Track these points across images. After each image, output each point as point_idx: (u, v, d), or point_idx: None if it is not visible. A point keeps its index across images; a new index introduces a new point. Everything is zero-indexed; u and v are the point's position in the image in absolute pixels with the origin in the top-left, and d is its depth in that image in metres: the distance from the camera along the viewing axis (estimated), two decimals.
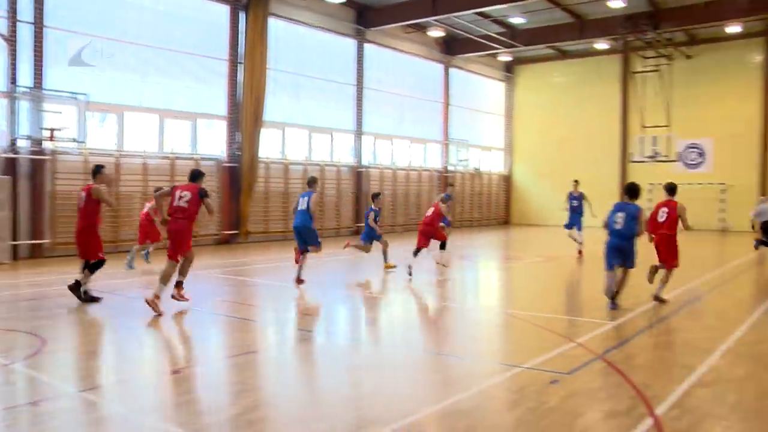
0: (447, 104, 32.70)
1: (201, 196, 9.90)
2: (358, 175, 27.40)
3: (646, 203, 32.07)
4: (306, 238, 12.79)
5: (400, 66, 29.96)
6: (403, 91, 30.05)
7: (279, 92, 23.96)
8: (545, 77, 36.42)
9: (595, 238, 20.00)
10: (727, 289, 12.96)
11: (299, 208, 12.90)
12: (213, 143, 22.31)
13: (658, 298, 11.20)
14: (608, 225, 10.66)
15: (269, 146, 23.81)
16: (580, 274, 15.85)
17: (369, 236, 15.34)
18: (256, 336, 8.66)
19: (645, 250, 12.12)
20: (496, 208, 36.31)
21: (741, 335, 8.65)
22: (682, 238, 11.56)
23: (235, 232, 22.41)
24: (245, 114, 22.18)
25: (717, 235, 28.05)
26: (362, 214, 26.92)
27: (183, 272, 10.20)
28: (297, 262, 13.23)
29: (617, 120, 34.04)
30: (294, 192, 24.46)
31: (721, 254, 20.74)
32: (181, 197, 9.91)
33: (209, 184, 21.57)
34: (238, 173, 22.20)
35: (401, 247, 20.02)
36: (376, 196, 15.61)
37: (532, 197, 36.47)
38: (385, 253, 15.35)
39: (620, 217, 10.48)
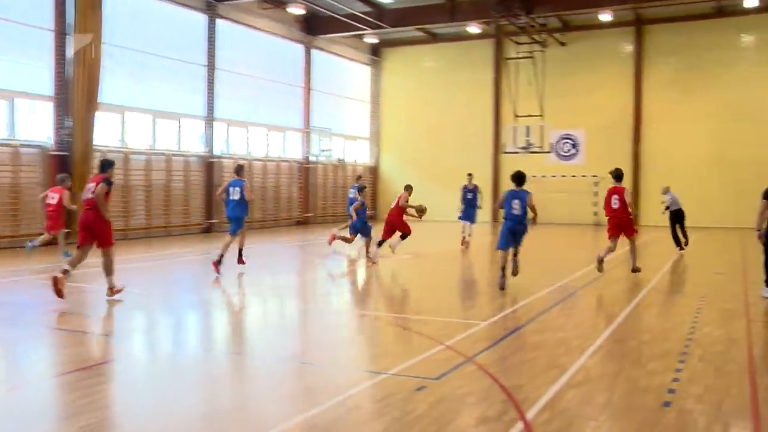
0: (308, 89, 32.57)
1: (105, 185, 10.99)
2: (209, 166, 26.77)
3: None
4: (237, 223, 14.71)
5: (256, 46, 29.53)
6: (259, 74, 29.63)
7: (117, 71, 22.96)
8: (414, 61, 37.13)
9: (482, 230, 20.60)
10: (601, 284, 13.73)
11: (231, 198, 14.56)
12: (37, 128, 21.09)
13: (636, 269, 14.85)
14: (505, 210, 12.89)
15: (106, 132, 22.83)
16: (451, 272, 16.26)
17: (358, 228, 17.86)
18: (90, 349, 8.30)
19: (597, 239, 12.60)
20: None
21: (611, 332, 9.19)
22: (556, 233, 12.11)
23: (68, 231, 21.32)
24: (76, 95, 21.07)
25: (590, 230, 29.69)
26: (214, 208, 26.41)
27: (108, 270, 11.19)
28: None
29: (490, 108, 35.28)
30: (135, 185, 23.62)
31: (595, 249, 21.88)
32: (88, 188, 11.15)
33: (29, 175, 20.47)
34: (69, 163, 21.08)
35: (254, 248, 19.73)
36: (361, 190, 18.55)
37: (400, 189, 36.79)
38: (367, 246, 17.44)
39: (516, 203, 12.86)
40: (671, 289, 13.80)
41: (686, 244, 20.60)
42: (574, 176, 33.26)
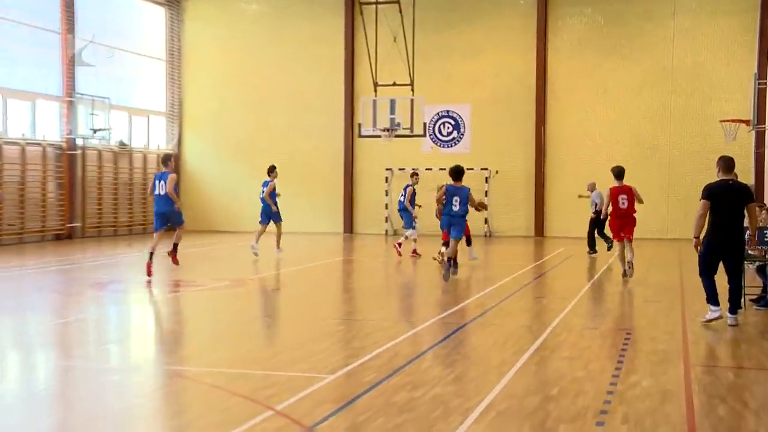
0: (68, 37, 31.29)
1: None
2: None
3: (378, 196, 34.07)
4: (171, 219, 19.29)
5: None
6: None
7: None
8: (232, 4, 37.04)
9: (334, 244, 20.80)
10: (494, 317, 14.03)
11: (157, 192, 18.80)
12: None
13: (631, 265, 19.21)
14: (446, 207, 18.82)
15: None
16: (291, 304, 16.25)
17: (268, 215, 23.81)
18: None
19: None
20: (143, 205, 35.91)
21: (505, 385, 9.37)
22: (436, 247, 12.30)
23: None
24: None
25: (481, 242, 30.26)
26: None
27: None
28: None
29: (340, 73, 35.64)
30: None
31: (491, 269, 22.43)
32: None
33: None
34: None
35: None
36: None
37: (214, 188, 36.68)
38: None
39: (456, 200, 18.63)
40: (587, 322, 14.24)
41: (610, 247, 23.91)
42: None
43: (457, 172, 18.93)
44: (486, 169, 33.64)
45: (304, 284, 19.48)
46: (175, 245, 20.14)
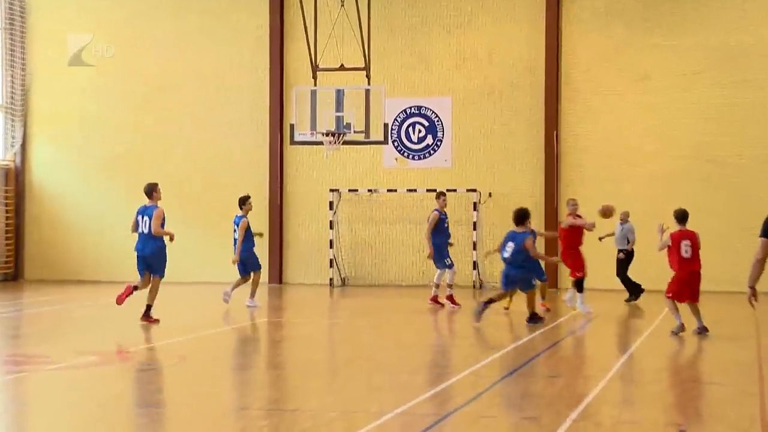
0: None
1: None
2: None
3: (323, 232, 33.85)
4: (152, 265, 22.29)
5: None
6: None
7: None
8: None
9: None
10: (493, 404, 13.80)
11: (141, 230, 21.61)
12: None
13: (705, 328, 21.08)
14: (500, 253, 22.57)
15: None
16: (179, 390, 15.92)
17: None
18: None
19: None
20: None
21: None
22: (395, 307, 12.10)
23: None
24: None
25: (469, 294, 29.93)
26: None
27: None
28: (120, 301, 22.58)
29: (264, 54, 35.61)
30: None
31: (473, 344, 22.31)
32: None
33: None
34: None
35: None
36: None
37: (77, 219, 36.20)
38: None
39: (510, 246, 21.88)
40: (622, 413, 14.00)
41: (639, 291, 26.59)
42: (432, 191, 33.73)
43: (519, 216, 22.48)
44: (474, 190, 33.53)
45: (210, 358, 19.27)
46: (148, 306, 22.51)
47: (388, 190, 33.44)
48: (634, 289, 27.72)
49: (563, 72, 33.67)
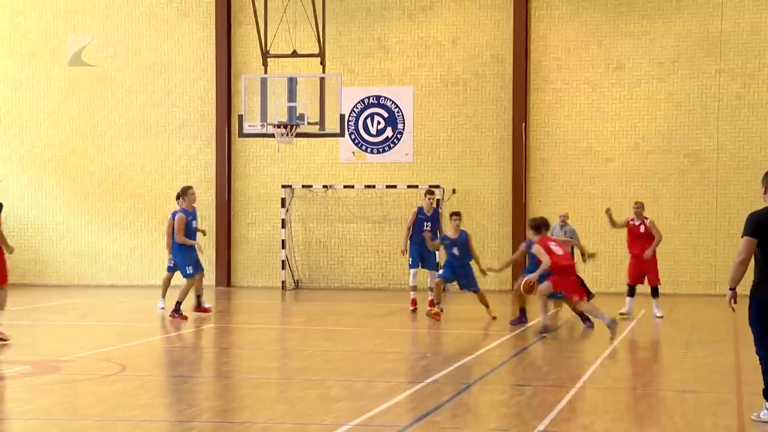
0: None
1: None
2: None
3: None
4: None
5: None
6: None
7: None
8: None
9: None
10: (456, 415, 13.85)
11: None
12: None
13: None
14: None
15: None
16: (117, 401, 15.87)
17: None
18: None
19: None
20: None
21: None
22: (351, 313, 12.17)
23: None
24: None
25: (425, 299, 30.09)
26: None
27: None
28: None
29: (209, 37, 35.59)
30: None
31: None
32: None
33: None
34: None
35: None
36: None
37: (30, 224, 35.94)
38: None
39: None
40: (594, 423, 14.08)
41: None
42: (392, 187, 33.81)
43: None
44: (437, 186, 33.27)
45: (151, 367, 19.31)
46: (178, 303, 24.95)
47: (345, 186, 33.44)
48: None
49: (532, 60, 33.72)
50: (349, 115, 33.71)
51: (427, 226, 26.63)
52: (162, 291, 26.95)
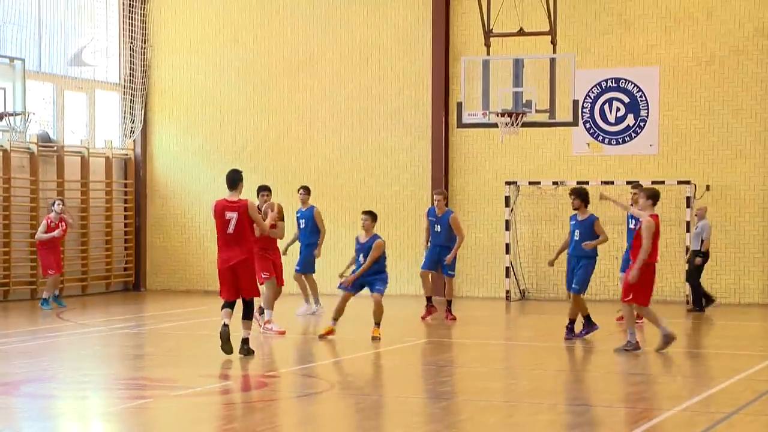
0: None
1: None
2: None
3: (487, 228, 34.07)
4: None
5: None
6: None
7: None
8: None
9: None
10: None
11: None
12: None
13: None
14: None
15: None
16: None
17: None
18: None
19: None
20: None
21: None
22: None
23: None
24: None
25: (682, 316, 29.95)
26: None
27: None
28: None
29: (426, 18, 35.81)
30: None
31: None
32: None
33: None
34: None
35: None
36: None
37: (199, 216, 36.37)
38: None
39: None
40: None
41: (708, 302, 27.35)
42: (633, 183, 33.76)
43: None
44: (688, 182, 33.24)
45: (362, 384, 19.60)
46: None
47: (578, 183, 33.31)
48: (707, 299, 28.51)
49: None
50: (584, 101, 33.59)
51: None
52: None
